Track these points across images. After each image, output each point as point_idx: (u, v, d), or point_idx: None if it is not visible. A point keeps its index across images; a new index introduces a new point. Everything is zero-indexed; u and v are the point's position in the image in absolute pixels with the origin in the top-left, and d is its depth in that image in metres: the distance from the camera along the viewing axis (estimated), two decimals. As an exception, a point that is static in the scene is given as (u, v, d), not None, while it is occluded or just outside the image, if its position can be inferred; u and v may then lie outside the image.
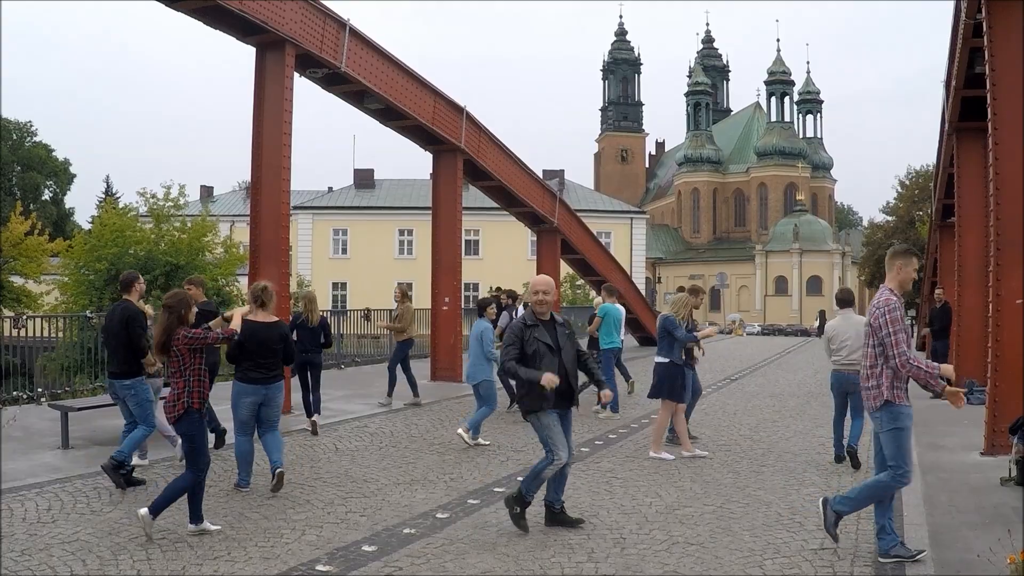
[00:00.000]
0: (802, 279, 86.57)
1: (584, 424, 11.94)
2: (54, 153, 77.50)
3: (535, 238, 24.61)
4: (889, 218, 65.16)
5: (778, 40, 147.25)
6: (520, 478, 7.43)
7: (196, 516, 6.47)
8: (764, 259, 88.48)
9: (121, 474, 7.77)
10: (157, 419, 8.54)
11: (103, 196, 62.87)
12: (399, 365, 13.77)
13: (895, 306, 5.80)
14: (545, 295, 6.83)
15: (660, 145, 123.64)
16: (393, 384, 13.64)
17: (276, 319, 8.22)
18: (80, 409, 10.40)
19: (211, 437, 8.72)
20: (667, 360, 9.79)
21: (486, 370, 10.59)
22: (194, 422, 6.57)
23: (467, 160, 18.00)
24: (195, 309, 6.89)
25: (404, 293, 14.48)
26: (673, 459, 9.47)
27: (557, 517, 6.79)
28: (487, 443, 10.33)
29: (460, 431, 10.32)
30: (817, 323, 60.50)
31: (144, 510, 6.27)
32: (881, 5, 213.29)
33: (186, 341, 6.52)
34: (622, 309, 14.42)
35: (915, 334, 37.96)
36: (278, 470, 7.74)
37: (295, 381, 11.72)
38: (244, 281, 12.79)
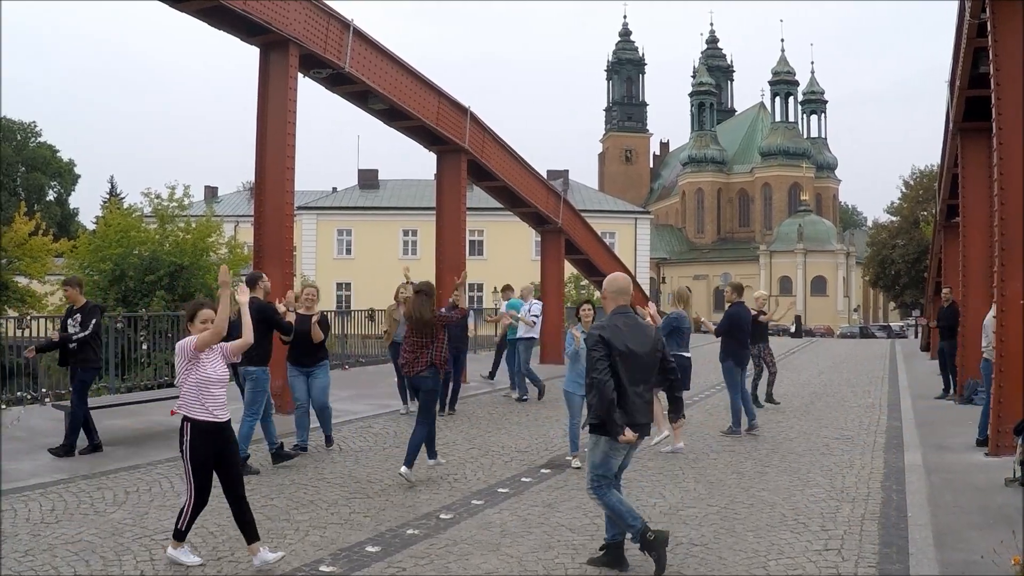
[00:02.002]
0: (806, 279, 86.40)
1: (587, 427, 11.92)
2: (59, 154, 77.68)
3: (539, 238, 24.59)
4: (893, 218, 65.02)
5: (782, 40, 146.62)
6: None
7: (432, 453, 8.78)
8: (768, 259, 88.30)
9: (282, 455, 9.09)
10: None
11: (107, 196, 62.90)
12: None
13: None
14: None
15: (664, 145, 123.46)
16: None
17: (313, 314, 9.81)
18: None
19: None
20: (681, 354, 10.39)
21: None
22: (435, 378, 8.62)
23: (471, 160, 17.99)
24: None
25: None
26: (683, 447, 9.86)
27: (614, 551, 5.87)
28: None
29: (570, 459, 9.33)
30: (793, 327, 60.69)
31: (404, 468, 8.12)
32: (885, 5, 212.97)
33: (442, 320, 8.79)
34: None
35: (921, 334, 37.90)
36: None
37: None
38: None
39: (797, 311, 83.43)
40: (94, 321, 9.54)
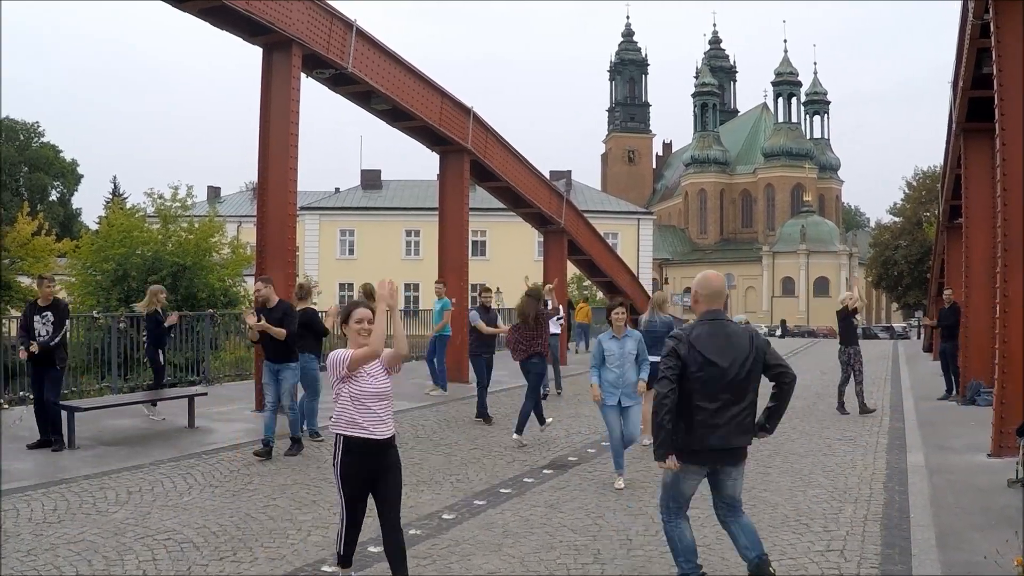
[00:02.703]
0: (809, 280, 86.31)
1: (589, 426, 11.93)
2: (61, 154, 77.72)
3: (542, 239, 24.59)
4: (896, 219, 64.91)
5: (785, 41, 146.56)
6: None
7: (541, 420, 10.79)
8: (771, 260, 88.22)
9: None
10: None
11: (110, 197, 62.86)
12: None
13: None
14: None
15: (667, 146, 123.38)
16: None
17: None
18: (87, 409, 10.45)
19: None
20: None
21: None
22: (542, 363, 10.75)
23: (474, 161, 17.99)
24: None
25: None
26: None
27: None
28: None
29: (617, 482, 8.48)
30: (779, 330, 60.86)
31: (515, 435, 10.27)
32: (888, 6, 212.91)
33: (545, 317, 11.17)
34: None
35: (923, 335, 37.87)
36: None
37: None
38: (251, 282, 12.80)
39: (800, 311, 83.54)
40: (67, 322, 9.88)
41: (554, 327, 16.36)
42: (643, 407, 9.98)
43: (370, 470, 5.11)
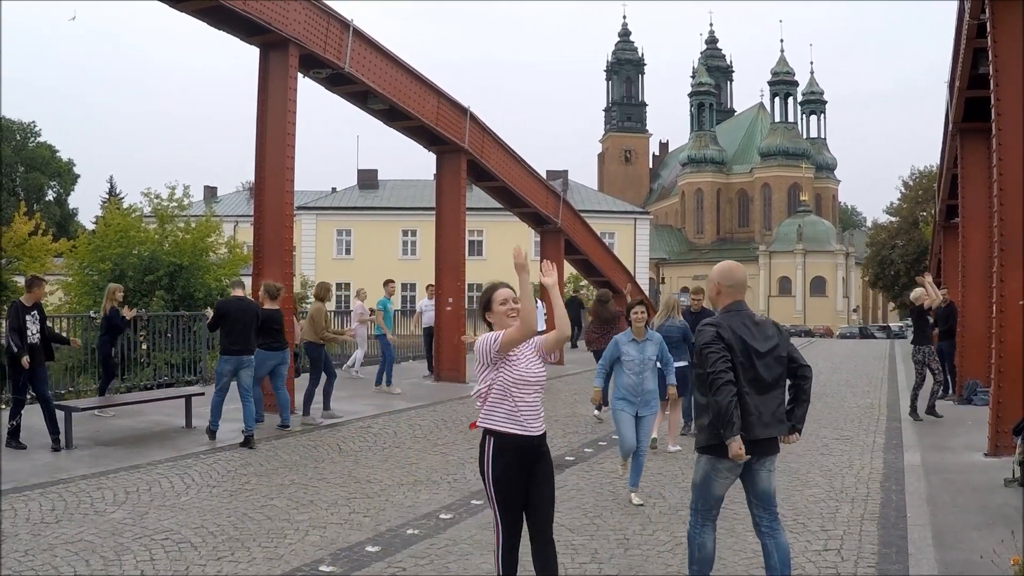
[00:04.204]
0: (806, 280, 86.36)
1: (586, 425, 11.95)
2: (58, 154, 77.68)
3: (539, 239, 24.60)
4: (893, 219, 65.02)
5: (781, 40, 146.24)
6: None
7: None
8: (768, 260, 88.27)
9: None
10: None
11: (107, 196, 62.82)
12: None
13: None
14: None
15: (664, 145, 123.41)
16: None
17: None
18: (84, 409, 10.44)
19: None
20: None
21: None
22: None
23: (471, 160, 17.99)
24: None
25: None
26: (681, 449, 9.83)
27: None
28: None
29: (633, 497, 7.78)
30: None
31: (595, 412, 11.88)
32: (884, 6, 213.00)
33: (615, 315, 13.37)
34: None
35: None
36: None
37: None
38: (248, 282, 12.82)
39: (797, 311, 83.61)
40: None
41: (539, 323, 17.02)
42: (670, 415, 10.03)
43: (525, 472, 4.52)
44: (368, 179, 63.19)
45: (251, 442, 9.84)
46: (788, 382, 5.04)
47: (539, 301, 17.47)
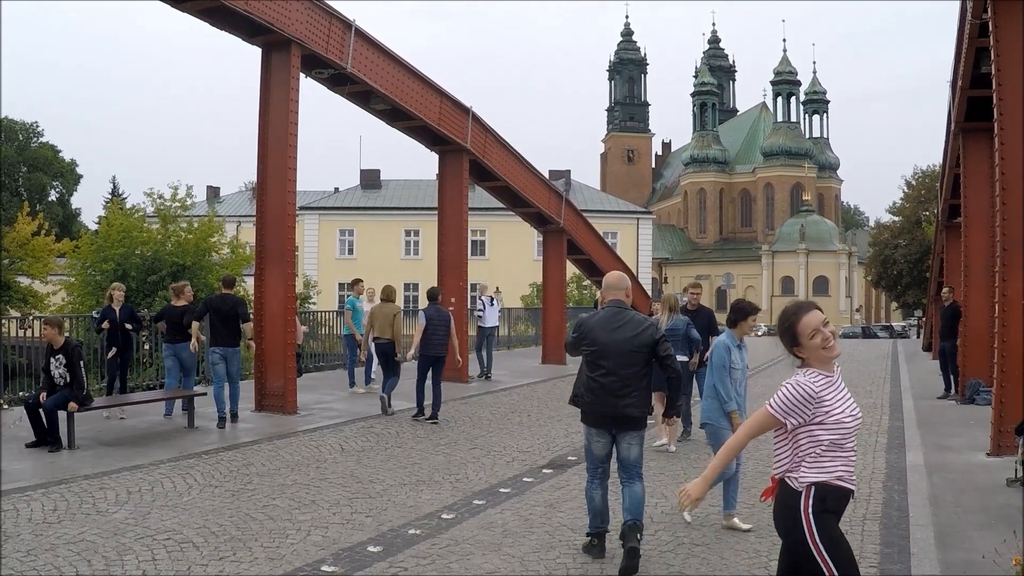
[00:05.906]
0: (808, 279, 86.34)
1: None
2: (61, 154, 77.71)
3: (541, 238, 24.59)
4: (895, 218, 64.90)
5: (784, 40, 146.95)
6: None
7: None
8: (770, 259, 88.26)
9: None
10: None
11: (109, 197, 62.85)
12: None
13: None
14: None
15: (666, 145, 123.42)
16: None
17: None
18: (86, 409, 10.42)
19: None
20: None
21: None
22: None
23: (473, 160, 18.00)
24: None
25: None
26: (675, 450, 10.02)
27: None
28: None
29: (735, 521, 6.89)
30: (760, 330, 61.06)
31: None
32: (886, 5, 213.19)
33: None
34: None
35: (923, 334, 37.87)
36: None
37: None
38: (250, 282, 12.85)
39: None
40: (81, 363, 9.89)
41: (492, 319, 18.95)
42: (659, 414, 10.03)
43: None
44: (371, 179, 63.20)
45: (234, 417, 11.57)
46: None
47: (492, 299, 19.03)
